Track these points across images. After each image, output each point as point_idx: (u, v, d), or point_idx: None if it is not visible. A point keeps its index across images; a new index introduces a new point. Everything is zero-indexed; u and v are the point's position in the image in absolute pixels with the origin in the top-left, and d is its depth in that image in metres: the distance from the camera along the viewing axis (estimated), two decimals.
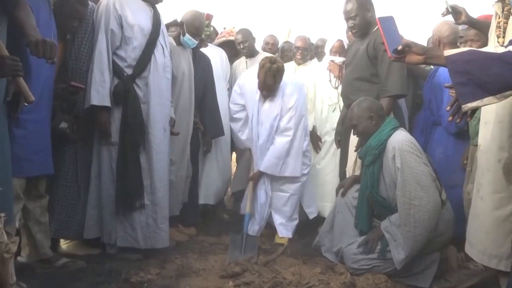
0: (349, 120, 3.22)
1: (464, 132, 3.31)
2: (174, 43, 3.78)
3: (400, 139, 2.92)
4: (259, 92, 3.81)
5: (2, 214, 1.59)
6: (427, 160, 2.93)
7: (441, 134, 3.53)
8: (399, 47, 2.02)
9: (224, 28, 5.00)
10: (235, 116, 4.06)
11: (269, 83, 3.67)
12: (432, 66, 3.62)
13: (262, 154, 3.84)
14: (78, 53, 3.13)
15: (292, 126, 3.79)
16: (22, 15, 2.25)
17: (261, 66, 3.65)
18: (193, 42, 3.76)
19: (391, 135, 2.98)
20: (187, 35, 3.69)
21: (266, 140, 3.83)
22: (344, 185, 3.38)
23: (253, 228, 3.81)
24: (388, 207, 3.01)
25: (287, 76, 3.85)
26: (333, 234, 3.31)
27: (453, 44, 3.46)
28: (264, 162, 3.82)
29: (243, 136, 4.02)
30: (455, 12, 3.18)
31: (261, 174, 3.86)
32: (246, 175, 3.98)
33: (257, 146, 3.86)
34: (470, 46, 3.27)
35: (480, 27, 3.16)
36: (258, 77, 3.71)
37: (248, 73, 4.09)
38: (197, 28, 3.76)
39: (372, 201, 3.08)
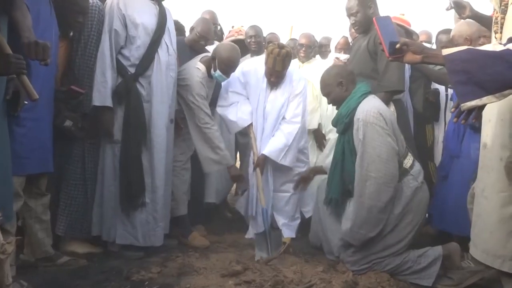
0: (321, 89, 3.20)
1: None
2: (206, 75, 3.62)
3: (366, 110, 2.88)
4: (265, 80, 3.69)
5: None
6: (393, 131, 2.88)
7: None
8: (397, 46, 2.00)
9: (232, 27, 4.98)
10: (227, 104, 3.76)
11: (279, 69, 3.55)
12: None
13: (265, 142, 3.66)
14: (85, 49, 3.13)
15: (300, 112, 3.70)
16: (18, 15, 2.25)
17: (270, 52, 3.51)
18: (224, 78, 3.61)
19: (360, 102, 2.95)
20: (218, 71, 3.52)
21: (272, 130, 3.68)
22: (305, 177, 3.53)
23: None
24: None
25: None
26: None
27: None
28: (269, 146, 3.61)
29: (231, 116, 3.73)
30: (459, 7, 3.14)
31: (265, 159, 3.61)
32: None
33: (261, 138, 3.68)
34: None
35: (485, 22, 3.12)
36: (266, 64, 3.58)
37: (253, 62, 3.97)
38: (230, 67, 3.55)
39: (347, 173, 3.04)
